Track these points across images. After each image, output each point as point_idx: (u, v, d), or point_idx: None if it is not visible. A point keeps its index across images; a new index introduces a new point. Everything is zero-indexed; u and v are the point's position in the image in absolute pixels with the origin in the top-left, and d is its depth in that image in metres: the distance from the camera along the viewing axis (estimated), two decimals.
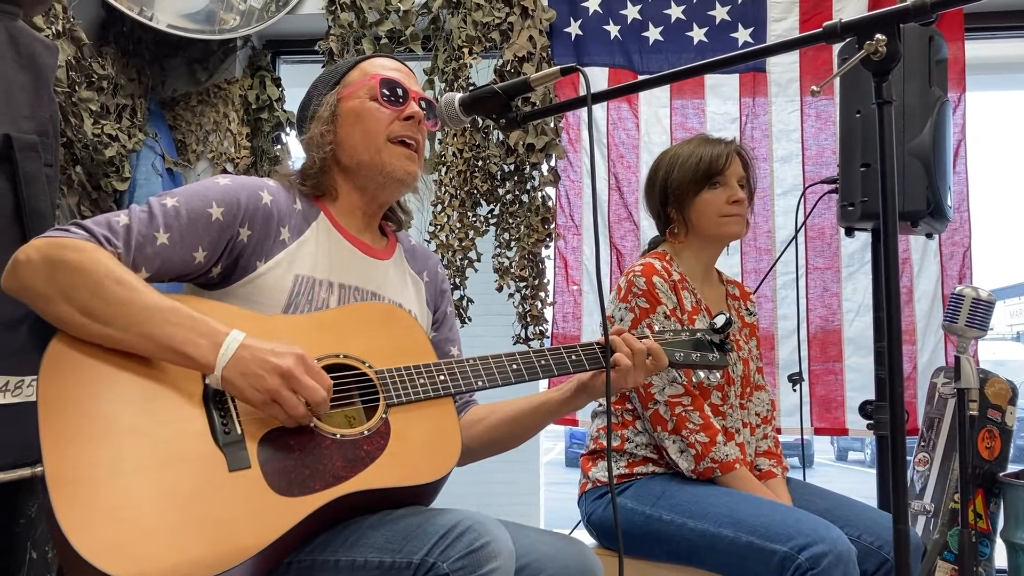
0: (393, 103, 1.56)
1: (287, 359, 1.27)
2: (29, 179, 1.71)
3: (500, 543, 1.24)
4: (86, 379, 1.25)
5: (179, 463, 1.23)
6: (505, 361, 1.53)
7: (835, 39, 1.17)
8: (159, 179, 3.23)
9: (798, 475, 2.29)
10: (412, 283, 1.70)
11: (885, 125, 1.13)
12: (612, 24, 3.43)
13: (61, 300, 1.25)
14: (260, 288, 1.44)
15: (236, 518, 1.21)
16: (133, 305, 1.26)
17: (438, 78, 3.36)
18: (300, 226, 1.52)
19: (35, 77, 1.77)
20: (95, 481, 1.18)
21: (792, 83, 3.35)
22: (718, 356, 1.72)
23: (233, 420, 1.29)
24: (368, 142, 1.55)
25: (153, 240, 1.35)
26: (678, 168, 2.09)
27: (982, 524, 2.79)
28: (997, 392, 2.89)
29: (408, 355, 1.47)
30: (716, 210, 2.07)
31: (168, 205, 1.38)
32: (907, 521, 1.09)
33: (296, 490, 1.26)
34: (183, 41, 3.36)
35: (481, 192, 3.33)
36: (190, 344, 1.26)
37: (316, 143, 1.56)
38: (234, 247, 1.43)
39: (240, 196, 1.44)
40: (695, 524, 1.87)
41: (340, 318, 1.48)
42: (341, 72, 1.62)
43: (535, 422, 1.67)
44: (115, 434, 1.22)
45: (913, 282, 3.27)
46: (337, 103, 1.57)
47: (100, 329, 1.26)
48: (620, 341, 1.58)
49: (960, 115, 3.23)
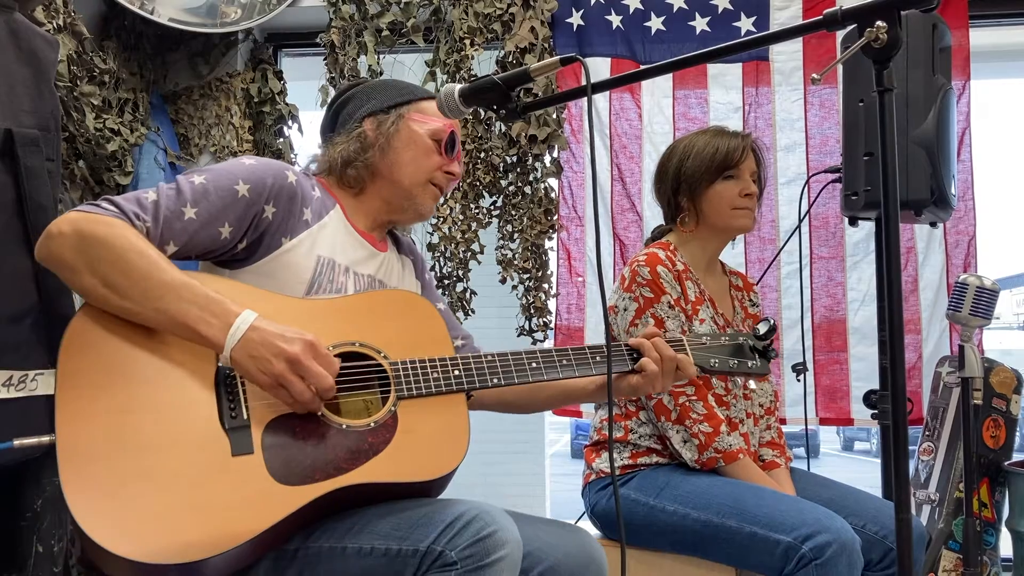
0: (448, 154, 1.67)
1: (295, 344, 1.28)
2: (31, 174, 1.71)
3: (507, 532, 1.25)
4: (105, 354, 1.29)
5: (184, 445, 1.25)
6: (525, 358, 1.53)
7: (836, 26, 1.16)
8: (161, 173, 3.23)
9: (802, 465, 2.28)
10: (404, 267, 1.77)
11: (886, 113, 1.12)
12: (614, 14, 3.41)
13: (86, 271, 1.29)
14: (285, 264, 1.48)
15: (233, 503, 1.22)
16: (151, 280, 1.29)
17: (440, 70, 3.35)
18: (320, 211, 1.57)
19: (36, 72, 1.77)
20: (101, 455, 1.21)
21: (795, 72, 3.34)
22: (759, 363, 1.71)
23: (241, 404, 1.31)
24: (415, 171, 1.64)
25: (181, 215, 1.38)
26: (693, 157, 2.10)
27: (987, 513, 2.78)
28: (1002, 381, 2.89)
29: (425, 346, 1.47)
30: (729, 202, 2.08)
31: (196, 182, 1.42)
32: (909, 511, 1.09)
33: (296, 479, 1.27)
34: (184, 35, 3.36)
35: (484, 184, 3.33)
36: (202, 322, 1.29)
37: (369, 143, 1.63)
38: (259, 223, 1.46)
39: (266, 174, 1.48)
40: (698, 515, 1.87)
41: (360, 305, 1.49)
42: (419, 96, 1.70)
43: (551, 400, 1.72)
44: (126, 411, 1.25)
45: (918, 271, 3.25)
46: (402, 118, 1.65)
47: (118, 301, 1.29)
48: (650, 346, 1.59)
49: (965, 103, 3.21)
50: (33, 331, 1.68)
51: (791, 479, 2.07)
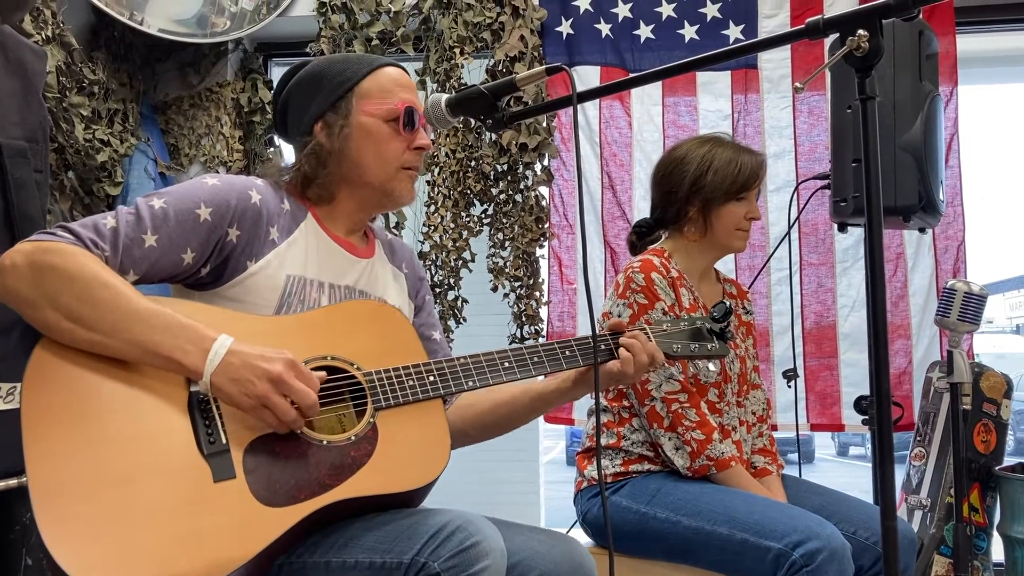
0: (408, 131, 1.55)
1: (277, 364, 1.27)
2: (19, 185, 1.70)
3: (490, 542, 1.24)
4: (69, 388, 1.24)
5: (164, 474, 1.22)
6: (497, 358, 1.52)
7: (818, 35, 1.17)
8: (151, 183, 3.23)
9: (795, 471, 2.29)
10: (394, 277, 1.69)
11: (869, 121, 1.13)
12: (603, 23, 3.42)
13: (47, 306, 1.24)
14: (251, 288, 1.43)
15: (220, 530, 1.20)
16: (119, 310, 1.25)
17: (430, 79, 3.36)
18: (289, 226, 1.50)
19: (24, 83, 1.76)
20: (78, 495, 1.17)
21: (784, 79, 3.35)
22: (718, 345, 1.71)
23: (218, 428, 1.28)
24: (381, 165, 1.54)
25: (141, 243, 1.34)
26: (715, 171, 2.06)
27: (978, 518, 2.79)
28: (992, 386, 2.90)
29: (397, 354, 1.46)
30: (735, 223, 2.08)
31: (156, 207, 1.37)
32: (895, 517, 1.09)
33: (281, 500, 1.25)
34: (174, 45, 3.36)
35: (474, 192, 3.33)
36: (178, 350, 1.25)
37: (326, 154, 1.53)
38: (223, 247, 1.42)
39: (229, 196, 1.42)
40: (690, 522, 1.87)
41: (328, 317, 1.46)
42: (353, 80, 1.55)
43: (531, 409, 1.65)
44: (99, 445, 1.21)
45: (907, 277, 3.27)
46: (351, 114, 1.53)
47: (86, 335, 1.25)
48: (634, 343, 1.58)
49: (952, 109, 3.23)
50: (21, 343, 1.66)
51: (783, 486, 2.07)
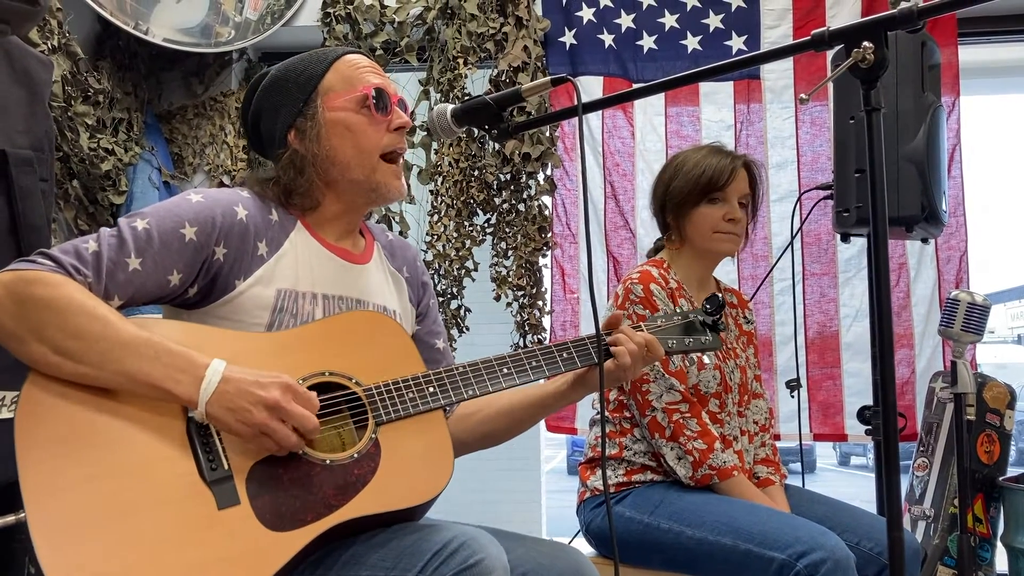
0: (381, 112, 1.49)
1: (273, 390, 1.23)
2: (24, 194, 1.71)
3: (494, 559, 1.23)
4: (63, 422, 1.21)
5: (166, 504, 1.19)
6: (495, 365, 1.50)
7: (823, 47, 1.18)
8: (156, 192, 3.24)
9: (797, 481, 2.28)
10: (394, 282, 1.64)
11: (874, 132, 1.14)
12: (606, 33, 3.44)
13: (33, 339, 1.21)
14: (241, 306, 1.40)
15: (228, 559, 1.18)
16: (107, 341, 1.22)
17: (434, 89, 3.37)
18: (278, 239, 1.46)
19: (30, 92, 1.77)
20: (80, 532, 1.14)
21: (786, 90, 3.36)
22: (711, 338, 1.71)
23: (219, 455, 1.25)
24: (362, 160, 1.49)
25: (125, 266, 1.30)
26: (681, 176, 2.06)
27: (982, 529, 2.78)
28: (995, 396, 2.89)
29: (395, 365, 1.43)
30: (711, 225, 2.05)
31: (139, 228, 1.32)
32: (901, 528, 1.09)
33: (288, 524, 1.23)
34: (179, 54, 3.38)
35: (477, 202, 3.34)
36: (170, 380, 1.22)
37: (303, 160, 1.48)
38: (210, 267, 1.38)
39: (214, 213, 1.38)
40: (693, 532, 1.86)
41: (323, 332, 1.43)
42: (316, 77, 1.50)
43: (531, 415, 1.63)
44: (98, 479, 1.18)
45: (910, 287, 3.27)
46: (317, 113, 1.48)
47: (74, 367, 1.22)
48: (620, 336, 1.56)
49: (955, 120, 3.24)
50: None
51: (785, 496, 2.07)
